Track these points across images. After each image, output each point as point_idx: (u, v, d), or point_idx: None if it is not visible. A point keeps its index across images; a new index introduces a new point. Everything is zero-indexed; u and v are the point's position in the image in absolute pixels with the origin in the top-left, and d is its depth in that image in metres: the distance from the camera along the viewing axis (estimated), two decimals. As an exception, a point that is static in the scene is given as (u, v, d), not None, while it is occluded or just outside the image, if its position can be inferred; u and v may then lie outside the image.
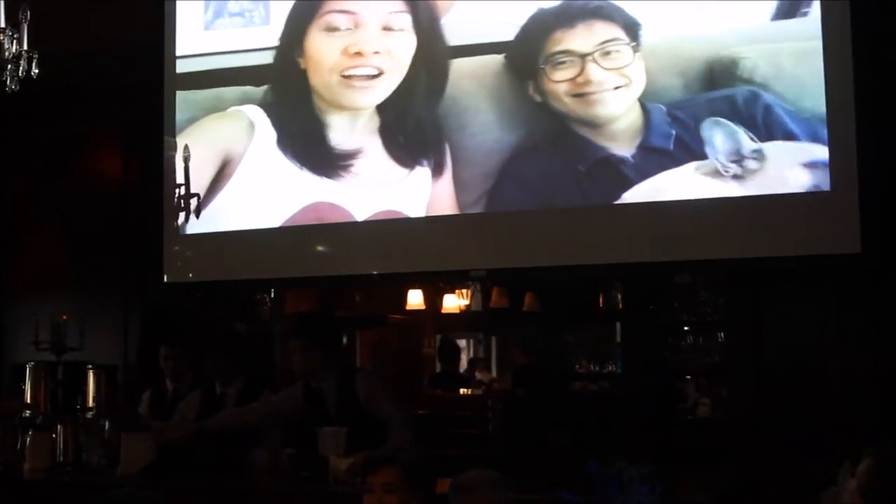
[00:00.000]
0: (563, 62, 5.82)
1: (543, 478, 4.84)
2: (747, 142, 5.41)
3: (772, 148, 5.39)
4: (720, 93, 5.52)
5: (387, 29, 6.23)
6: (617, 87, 5.69)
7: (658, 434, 7.46)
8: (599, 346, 8.79)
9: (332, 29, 6.34)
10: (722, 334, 7.67)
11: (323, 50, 6.34)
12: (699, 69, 5.58)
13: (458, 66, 6.07)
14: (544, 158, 5.86)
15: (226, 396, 5.85)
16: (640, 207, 5.63)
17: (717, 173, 5.47)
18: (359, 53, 6.24)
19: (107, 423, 5.79)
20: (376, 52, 6.22)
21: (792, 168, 5.36)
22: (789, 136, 5.36)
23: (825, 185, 5.30)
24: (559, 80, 5.81)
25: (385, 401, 5.43)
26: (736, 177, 5.43)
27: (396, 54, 6.20)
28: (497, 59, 6.00)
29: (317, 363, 5.56)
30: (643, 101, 5.65)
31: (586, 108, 5.75)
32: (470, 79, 6.03)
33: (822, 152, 5.30)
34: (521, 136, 5.91)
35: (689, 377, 8.12)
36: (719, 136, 5.46)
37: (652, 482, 3.69)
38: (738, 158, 5.43)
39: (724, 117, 5.46)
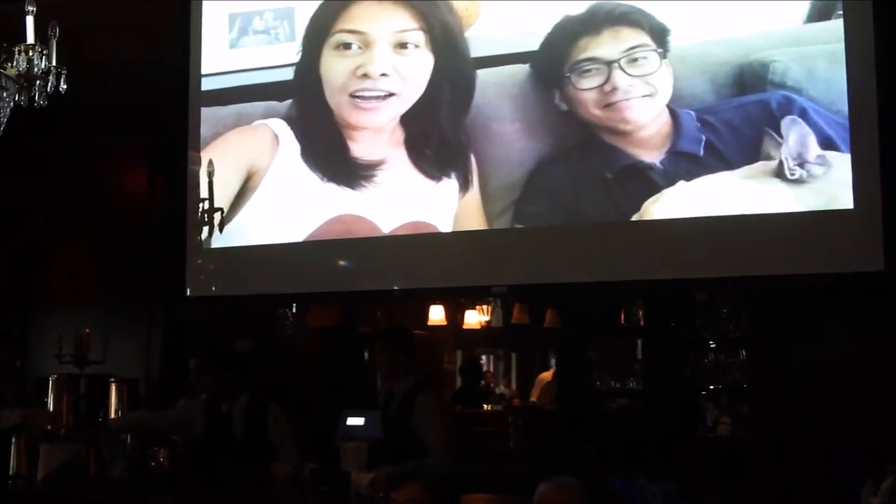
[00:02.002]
0: (589, 70, 5.80)
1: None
2: (814, 146, 5.32)
3: (835, 157, 5.30)
4: (752, 97, 5.46)
5: (400, 46, 6.24)
6: (644, 95, 5.68)
7: (679, 451, 7.43)
8: (620, 363, 8.76)
9: (342, 47, 6.37)
10: (743, 352, 7.65)
11: (333, 70, 6.37)
12: (729, 74, 5.52)
13: (483, 77, 6.07)
14: (572, 167, 5.83)
15: (231, 414, 5.83)
16: (662, 224, 5.61)
17: (780, 174, 5.40)
18: (365, 75, 6.26)
19: (128, 437, 5.82)
20: (384, 74, 6.22)
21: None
22: (828, 142, 5.29)
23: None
24: (585, 88, 5.80)
25: (438, 424, 5.45)
26: (798, 181, 5.39)
27: (409, 74, 6.20)
28: (522, 69, 5.99)
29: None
30: (672, 107, 5.62)
31: (614, 116, 5.72)
32: (495, 89, 6.03)
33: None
34: (547, 146, 5.89)
35: (710, 395, 8.10)
36: (794, 135, 5.39)
37: (675, 499, 3.68)
38: (802, 162, 5.39)
39: (758, 122, 5.43)
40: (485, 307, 11.35)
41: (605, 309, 8.69)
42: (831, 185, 5.27)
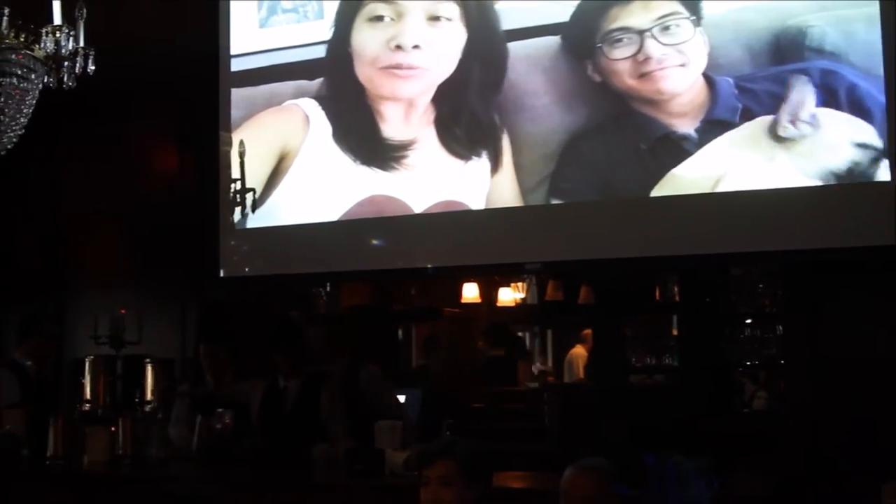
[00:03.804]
0: (621, 40, 5.74)
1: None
2: (810, 105, 5.29)
3: (826, 116, 5.27)
4: (792, 66, 5.38)
5: (433, 19, 6.20)
6: (678, 64, 5.61)
7: (715, 427, 7.39)
8: (656, 339, 8.70)
9: (375, 19, 6.33)
10: (780, 327, 7.58)
11: (366, 41, 6.34)
12: (765, 40, 5.44)
13: (514, 50, 6.02)
14: (606, 139, 5.79)
15: (287, 390, 5.85)
16: (697, 198, 5.57)
17: (773, 131, 5.37)
18: (398, 47, 6.23)
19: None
20: (416, 47, 6.19)
21: (843, 144, 5.26)
22: (863, 110, 5.21)
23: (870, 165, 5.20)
24: (618, 59, 5.74)
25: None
26: (784, 139, 5.34)
27: (441, 48, 6.16)
28: (553, 41, 5.94)
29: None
30: (709, 75, 5.55)
31: (648, 86, 5.67)
32: (525, 63, 5.98)
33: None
34: (581, 118, 5.85)
35: (746, 370, 8.04)
36: (797, 94, 5.34)
37: (709, 476, 3.66)
38: (794, 120, 5.33)
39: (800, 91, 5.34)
40: (519, 284, 11.33)
41: (640, 285, 8.64)
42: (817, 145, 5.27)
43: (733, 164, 5.48)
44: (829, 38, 5.30)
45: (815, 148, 5.30)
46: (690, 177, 5.58)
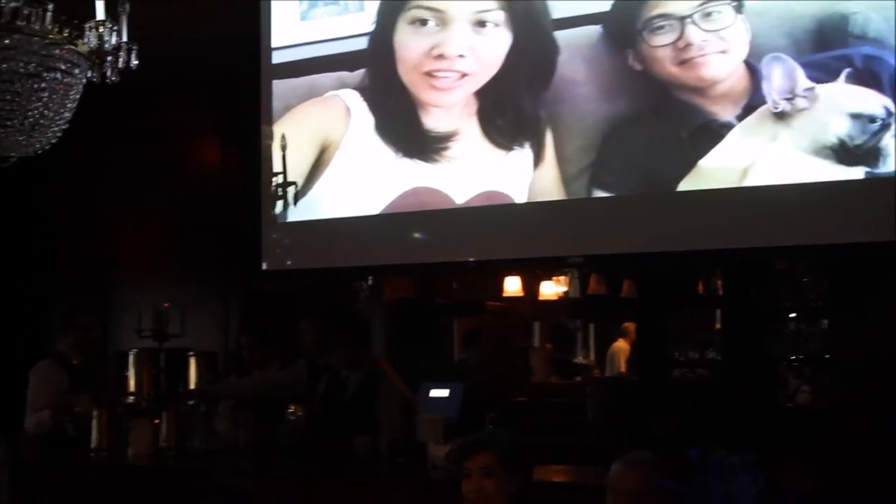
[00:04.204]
0: (662, 26, 5.69)
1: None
2: (802, 80, 5.27)
3: (825, 89, 5.24)
4: (834, 52, 5.32)
5: (478, 25, 6.17)
6: (720, 51, 5.56)
7: (759, 422, 7.33)
8: (699, 333, 8.66)
9: (418, 23, 6.31)
10: (825, 321, 7.51)
11: (408, 46, 6.32)
12: (808, 27, 5.37)
13: (558, 41, 6.00)
14: (647, 127, 5.75)
15: (349, 381, 5.84)
16: (742, 192, 5.52)
17: (767, 113, 5.36)
18: (441, 56, 6.20)
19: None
20: (461, 56, 6.16)
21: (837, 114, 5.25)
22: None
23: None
24: (659, 46, 5.69)
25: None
26: (782, 115, 5.31)
27: (485, 54, 6.13)
28: (594, 30, 5.89)
29: None
30: (750, 62, 5.50)
31: (689, 73, 5.62)
32: (567, 52, 5.95)
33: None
34: (622, 107, 5.81)
35: (790, 365, 7.97)
36: (778, 72, 5.33)
37: (754, 471, 3.62)
38: (791, 97, 5.29)
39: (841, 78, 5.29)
40: (561, 278, 11.29)
41: (683, 278, 8.60)
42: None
43: (751, 152, 5.45)
44: (873, 23, 5.24)
45: (811, 122, 5.27)
46: (716, 166, 5.55)
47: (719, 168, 5.54)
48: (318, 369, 5.92)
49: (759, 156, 5.43)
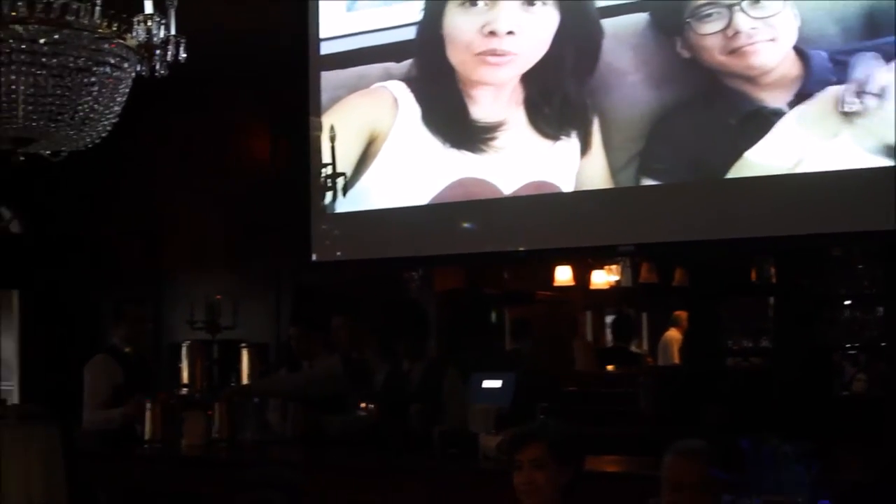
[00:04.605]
0: (710, 14, 5.65)
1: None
2: (881, 77, 5.18)
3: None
4: (885, 40, 5.23)
5: (527, 2, 6.15)
6: (769, 38, 5.50)
7: (813, 411, 7.26)
8: (752, 322, 8.58)
9: (468, 3, 6.30)
10: (881, 308, 7.42)
11: (459, 27, 6.32)
12: (858, 14, 5.31)
13: (603, 28, 5.97)
14: (696, 115, 5.72)
15: (411, 374, 5.83)
16: (795, 178, 5.46)
17: (831, 108, 5.28)
18: (492, 33, 6.19)
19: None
20: (510, 33, 6.16)
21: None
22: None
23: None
24: (707, 34, 5.65)
25: None
26: (849, 113, 5.22)
27: (534, 32, 6.12)
28: (641, 18, 5.87)
29: None
30: (800, 48, 5.44)
31: (738, 61, 5.57)
32: (614, 40, 5.92)
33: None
34: (670, 95, 5.79)
35: (845, 353, 7.88)
36: (862, 66, 5.23)
37: (808, 460, 3.58)
38: (861, 95, 5.21)
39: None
40: (613, 267, 11.23)
41: (736, 266, 8.53)
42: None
43: (805, 143, 5.38)
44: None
45: (879, 122, 5.18)
46: (767, 153, 5.48)
47: (770, 155, 5.48)
48: (356, 364, 5.91)
49: (815, 148, 5.37)
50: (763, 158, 5.50)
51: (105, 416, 6.06)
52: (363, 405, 5.72)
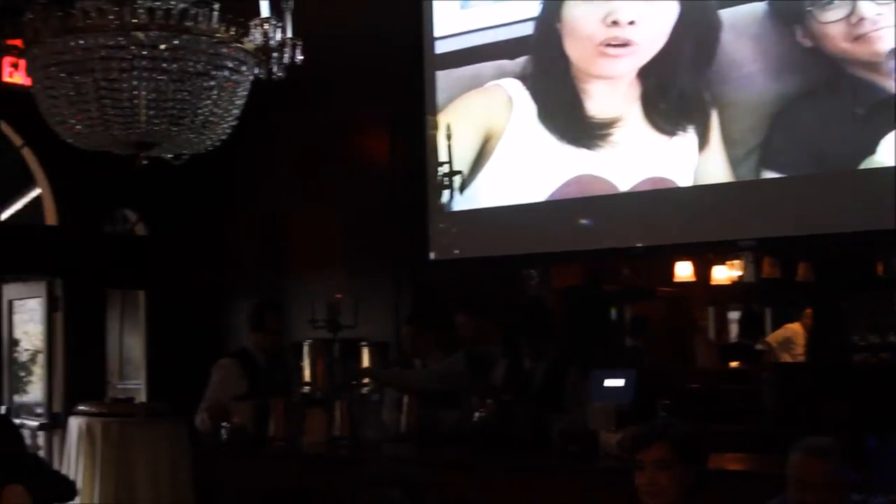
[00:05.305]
0: (832, 2, 5.53)
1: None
2: None
3: None
4: None
5: (649, -8, 6.11)
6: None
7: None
8: (879, 317, 8.38)
9: (589, -6, 6.29)
10: None
11: (579, 18, 6.30)
12: None
13: (722, 19, 5.88)
14: (819, 105, 5.61)
15: (534, 371, 5.82)
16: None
17: None
18: (615, 23, 6.15)
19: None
20: (631, 23, 6.11)
21: None
22: None
23: None
24: (829, 21, 5.53)
25: None
26: None
27: (655, 23, 6.07)
28: (760, 7, 5.79)
29: None
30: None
31: (863, 48, 5.45)
32: (733, 31, 5.84)
33: None
34: (791, 85, 5.69)
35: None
36: None
37: (937, 460, 3.48)
38: None
39: None
40: (734, 262, 11.06)
41: (861, 260, 8.33)
42: None
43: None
44: None
45: None
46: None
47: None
48: (480, 360, 5.90)
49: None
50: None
51: (199, 418, 6.14)
52: (481, 401, 5.72)
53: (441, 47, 6.87)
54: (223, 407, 6.04)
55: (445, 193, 6.73)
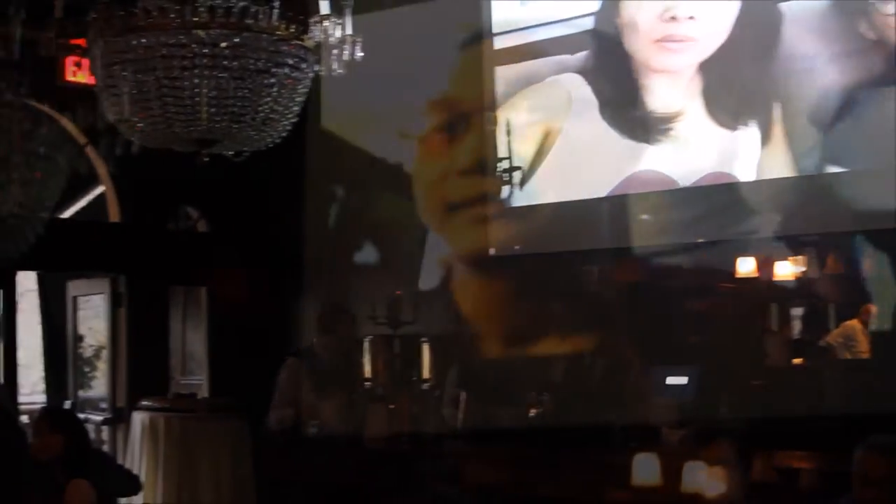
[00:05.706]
0: None
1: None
2: None
3: None
4: None
5: (710, -12, 6.06)
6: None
7: None
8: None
9: (649, -11, 6.25)
10: None
11: (639, 13, 6.25)
12: None
13: (783, 12, 5.82)
14: (883, 98, 5.52)
15: (592, 367, 5.81)
16: None
17: None
18: (673, 18, 6.10)
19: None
20: (691, 18, 6.06)
21: None
22: None
23: None
24: (894, 14, 5.45)
25: None
26: None
27: (715, 18, 6.01)
28: (822, 0, 5.70)
29: None
30: None
31: None
32: (796, 25, 5.77)
33: None
34: (855, 78, 5.62)
35: None
36: None
37: None
38: None
39: None
40: (798, 258, 10.93)
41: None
42: None
43: None
44: None
45: None
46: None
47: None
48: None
49: None
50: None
51: (279, 417, 6.17)
52: (537, 397, 5.71)
53: (500, 42, 6.85)
54: (307, 406, 6.06)
55: (505, 189, 6.71)
